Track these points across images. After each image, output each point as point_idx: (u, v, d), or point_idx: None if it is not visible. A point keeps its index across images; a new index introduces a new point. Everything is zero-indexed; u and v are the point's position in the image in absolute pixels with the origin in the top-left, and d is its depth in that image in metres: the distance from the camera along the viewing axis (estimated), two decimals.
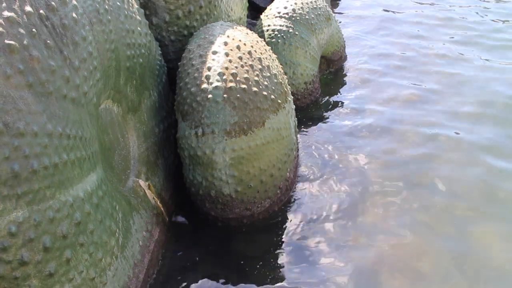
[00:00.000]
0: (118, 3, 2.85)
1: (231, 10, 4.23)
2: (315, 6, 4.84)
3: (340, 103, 4.90)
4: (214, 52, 3.18)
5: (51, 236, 2.05)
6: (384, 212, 3.51)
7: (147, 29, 3.25)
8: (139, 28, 3.09)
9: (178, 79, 3.33)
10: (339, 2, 7.81)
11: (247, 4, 4.79)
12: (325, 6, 5.02)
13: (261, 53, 3.33)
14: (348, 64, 5.65)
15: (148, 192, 3.11)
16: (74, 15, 2.35)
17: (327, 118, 4.65)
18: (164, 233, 3.24)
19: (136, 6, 3.14)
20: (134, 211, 2.89)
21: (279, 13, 4.68)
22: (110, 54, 2.71)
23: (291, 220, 3.44)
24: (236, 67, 3.11)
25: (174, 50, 3.74)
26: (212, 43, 3.27)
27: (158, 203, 3.20)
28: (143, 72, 3.16)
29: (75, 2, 2.39)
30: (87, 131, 2.40)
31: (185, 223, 3.45)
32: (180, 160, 3.39)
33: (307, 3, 4.80)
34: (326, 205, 3.58)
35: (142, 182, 3.09)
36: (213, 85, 3.06)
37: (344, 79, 5.38)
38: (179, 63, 3.40)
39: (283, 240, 3.29)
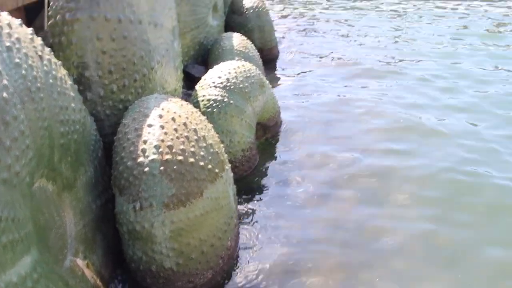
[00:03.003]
0: (50, 81, 2.84)
1: (166, 82, 4.28)
2: (248, 74, 4.96)
3: (278, 169, 4.97)
4: (150, 125, 3.20)
5: None
6: (326, 274, 3.54)
7: (81, 104, 3.24)
8: (72, 104, 3.08)
9: (114, 153, 3.31)
10: (274, 68, 8.01)
11: (182, 75, 4.86)
12: (259, 74, 5.15)
13: (196, 124, 3.37)
14: (284, 129, 5.76)
15: (86, 271, 3.03)
16: (4, 94, 2.33)
17: (266, 184, 4.70)
18: None
19: (69, 82, 3.14)
20: None
21: (213, 83, 4.77)
22: (43, 132, 2.68)
23: None
24: (172, 139, 3.13)
25: (109, 125, 3.73)
26: (147, 116, 3.29)
27: (98, 281, 3.11)
28: (78, 148, 3.13)
29: (5, 82, 2.37)
30: (20, 212, 2.33)
31: None
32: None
33: (240, 72, 4.91)
34: (268, 272, 3.57)
35: (80, 261, 3.00)
36: (150, 158, 3.06)
37: (281, 144, 5.47)
38: (115, 138, 3.39)
39: None
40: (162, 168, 3.04)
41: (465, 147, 5.22)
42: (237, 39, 6.68)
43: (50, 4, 3.66)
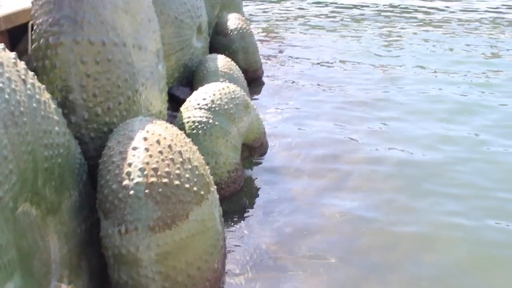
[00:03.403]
0: (34, 105, 2.83)
1: (151, 104, 4.28)
2: (233, 96, 4.97)
3: (264, 189, 4.97)
4: (134, 148, 3.19)
5: None
6: None
7: (65, 128, 3.22)
8: (56, 128, 3.06)
9: (99, 177, 3.30)
10: (259, 89, 8.03)
11: (167, 97, 4.87)
12: (243, 95, 5.16)
13: (181, 146, 3.37)
14: (269, 150, 5.76)
15: None
16: None
17: (252, 205, 4.70)
18: None
19: (53, 106, 3.13)
20: None
21: (198, 104, 4.77)
22: (27, 156, 2.66)
23: None
24: (157, 162, 3.13)
25: (94, 148, 3.71)
26: (131, 139, 3.28)
27: None
28: (63, 172, 3.11)
29: None
30: (3, 237, 2.31)
31: None
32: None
33: (225, 94, 4.93)
34: None
35: (64, 287, 2.97)
36: (135, 181, 3.05)
37: (267, 164, 5.47)
38: (99, 161, 3.38)
39: None
40: (147, 191, 3.03)
41: (456, 178, 5.21)
42: (222, 61, 6.69)
43: (34, 28, 3.66)
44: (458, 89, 7.62)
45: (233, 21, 8.11)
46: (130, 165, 3.12)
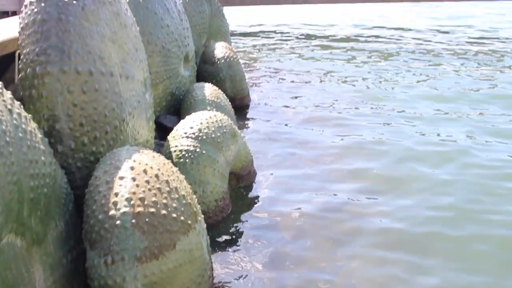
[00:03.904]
0: (20, 135, 2.82)
1: (138, 133, 4.28)
2: (220, 124, 4.98)
3: (252, 218, 4.95)
4: (121, 178, 3.18)
5: None
6: None
7: (51, 157, 3.21)
8: (43, 158, 3.05)
9: (85, 207, 3.28)
10: (246, 117, 8.06)
11: (154, 126, 4.87)
12: (231, 123, 5.18)
13: (168, 175, 3.36)
14: (257, 178, 5.76)
15: None
16: None
17: (240, 234, 4.67)
18: None
19: (39, 135, 3.12)
20: None
21: (185, 133, 4.78)
22: (12, 187, 2.64)
23: None
24: (144, 191, 3.12)
25: (81, 177, 3.69)
26: (118, 168, 3.27)
27: None
28: (48, 202, 3.09)
29: None
30: None
31: None
32: None
33: (212, 122, 4.94)
34: None
35: None
36: (121, 211, 3.03)
37: (255, 193, 5.46)
38: (86, 190, 3.36)
39: None
40: (134, 221, 3.01)
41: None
42: (209, 89, 6.72)
43: (21, 58, 3.66)
44: (456, 131, 7.29)
45: (220, 49, 8.18)
46: (116, 195, 3.10)
